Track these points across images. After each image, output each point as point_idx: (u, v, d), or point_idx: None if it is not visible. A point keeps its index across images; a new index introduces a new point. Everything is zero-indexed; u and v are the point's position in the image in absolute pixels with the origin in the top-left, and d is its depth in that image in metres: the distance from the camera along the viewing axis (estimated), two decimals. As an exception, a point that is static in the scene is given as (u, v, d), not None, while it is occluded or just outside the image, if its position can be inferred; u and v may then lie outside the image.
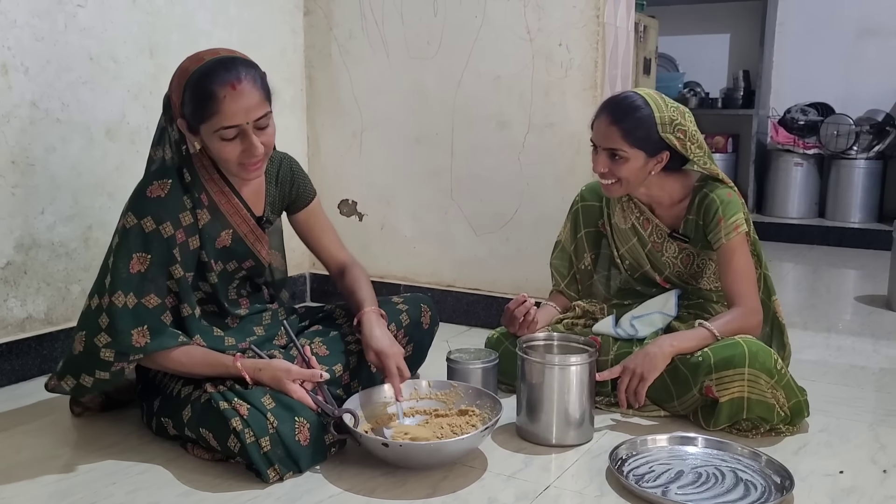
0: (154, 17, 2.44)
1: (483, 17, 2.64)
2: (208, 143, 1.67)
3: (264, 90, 1.67)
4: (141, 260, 1.67)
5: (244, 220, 1.83)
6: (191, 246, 1.74)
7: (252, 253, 1.86)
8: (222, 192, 1.79)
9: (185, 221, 1.72)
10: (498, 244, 2.75)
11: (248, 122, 1.63)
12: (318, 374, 1.68)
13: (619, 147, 1.90)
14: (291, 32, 2.98)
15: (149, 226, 1.67)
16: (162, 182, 1.70)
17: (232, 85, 1.60)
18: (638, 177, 1.94)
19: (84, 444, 1.79)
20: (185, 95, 1.65)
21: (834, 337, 2.73)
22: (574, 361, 1.74)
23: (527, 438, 1.79)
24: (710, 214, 1.94)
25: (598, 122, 1.94)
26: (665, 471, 1.61)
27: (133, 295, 1.66)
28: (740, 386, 1.76)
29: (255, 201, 1.87)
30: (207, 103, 1.61)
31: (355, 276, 1.99)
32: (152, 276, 1.68)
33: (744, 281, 1.91)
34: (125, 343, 1.64)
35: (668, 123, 1.90)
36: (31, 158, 2.15)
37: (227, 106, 1.60)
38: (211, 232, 1.77)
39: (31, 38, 2.12)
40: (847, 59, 5.11)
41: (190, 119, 1.66)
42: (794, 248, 4.69)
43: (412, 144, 2.86)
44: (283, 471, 1.56)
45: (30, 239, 2.17)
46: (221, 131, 1.63)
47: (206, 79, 1.62)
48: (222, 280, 1.83)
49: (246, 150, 1.65)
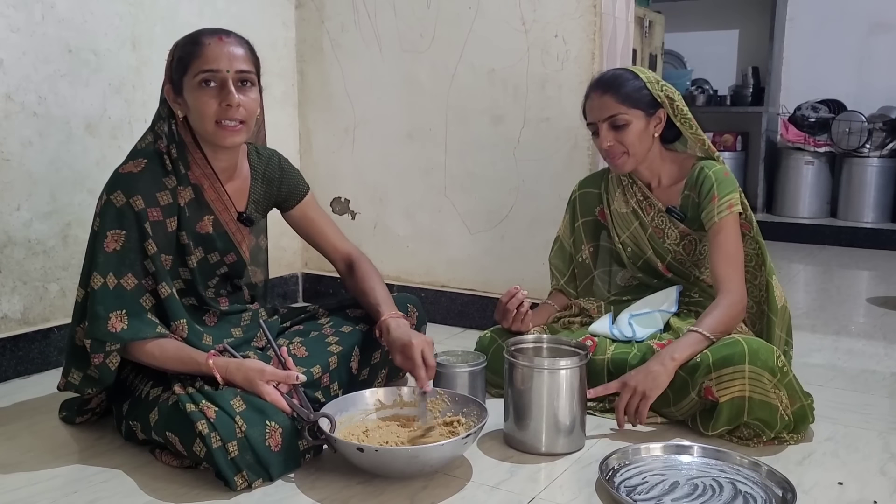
0: (137, 8, 2.37)
1: (477, 8, 2.55)
2: (189, 98, 1.64)
3: (251, 53, 1.70)
4: (115, 237, 1.62)
5: (227, 210, 1.78)
6: (168, 227, 1.68)
7: (234, 247, 1.80)
8: (205, 176, 1.74)
9: (163, 201, 1.67)
10: (493, 243, 2.67)
11: (230, 71, 1.62)
12: (294, 375, 1.59)
13: (618, 111, 1.91)
14: (282, 26, 2.90)
15: (119, 200, 1.62)
16: (136, 161, 1.67)
17: (219, 37, 1.64)
18: (643, 141, 1.94)
19: (52, 449, 1.71)
20: (174, 54, 1.67)
21: (844, 340, 2.63)
22: (564, 365, 1.65)
23: (514, 446, 1.69)
24: (705, 191, 1.92)
25: (591, 101, 1.96)
26: (659, 482, 1.52)
27: (112, 275, 1.61)
28: (741, 384, 1.66)
29: (239, 196, 1.81)
30: (192, 50, 1.63)
31: (365, 272, 1.92)
32: (128, 253, 1.62)
33: (731, 264, 1.87)
34: (101, 329, 1.58)
35: (655, 82, 1.95)
36: (7, 153, 2.08)
37: (211, 50, 1.62)
38: (192, 213, 1.72)
39: (5, 29, 2.06)
40: (859, 54, 5.02)
41: (175, 75, 1.66)
42: (804, 248, 4.59)
43: (405, 140, 2.78)
44: (251, 478, 1.48)
45: (4, 236, 2.10)
46: (201, 75, 1.61)
47: (197, 34, 1.67)
48: (202, 270, 1.76)
49: (224, 101, 1.62)
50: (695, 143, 2.02)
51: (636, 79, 1.93)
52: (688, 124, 1.96)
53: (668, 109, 1.94)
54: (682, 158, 2.03)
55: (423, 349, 1.71)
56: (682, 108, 1.95)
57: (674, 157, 2.03)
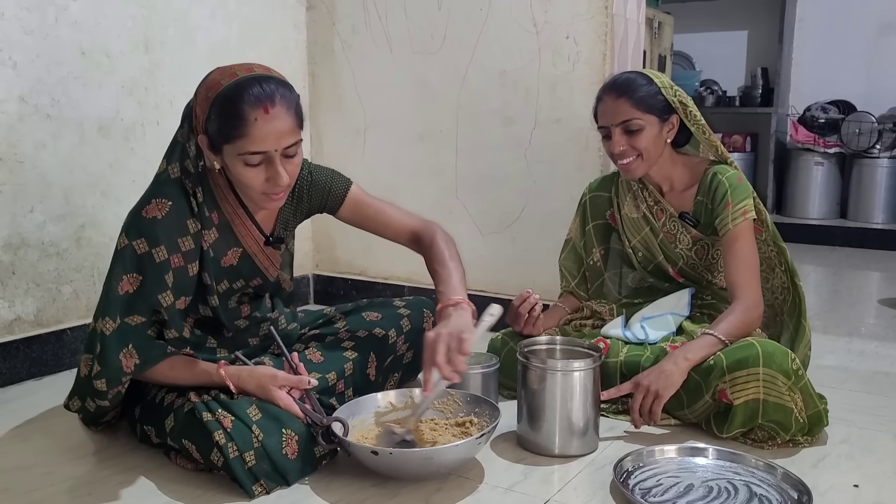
0: (150, 10, 2.37)
1: (488, 9, 2.55)
2: (230, 165, 1.53)
3: (298, 116, 1.53)
4: (131, 281, 1.55)
5: (255, 241, 1.72)
6: (190, 272, 1.61)
7: (260, 271, 1.75)
8: (236, 214, 1.67)
9: (185, 247, 1.59)
10: (504, 244, 2.66)
11: (277, 150, 1.49)
12: (306, 380, 1.59)
13: (632, 116, 1.89)
14: (293, 27, 2.91)
15: (141, 248, 1.54)
16: (160, 202, 1.56)
17: (265, 107, 1.46)
18: (656, 147, 1.92)
19: (67, 450, 1.71)
20: (212, 111, 1.50)
21: (856, 341, 2.62)
22: (577, 367, 1.64)
23: (527, 448, 1.69)
24: (719, 198, 1.91)
25: (604, 104, 1.94)
26: (674, 484, 1.51)
27: (119, 317, 1.55)
28: (755, 387, 1.66)
29: (266, 221, 1.74)
30: (235, 123, 1.47)
31: (431, 253, 1.81)
32: (141, 299, 1.56)
33: (746, 271, 1.86)
34: (114, 370, 1.55)
35: (669, 87, 1.93)
36: (20, 155, 2.09)
37: (257, 129, 1.46)
38: (217, 252, 1.66)
39: (19, 32, 2.06)
40: (869, 55, 5.00)
41: (213, 137, 1.51)
42: (814, 249, 4.57)
43: (416, 142, 2.78)
44: (269, 486, 1.48)
45: (18, 238, 2.11)
46: (247, 156, 1.49)
47: (237, 97, 1.47)
48: (224, 296, 1.72)
49: (270, 178, 1.52)
50: (707, 148, 2.01)
51: (651, 84, 1.91)
52: (700, 129, 1.95)
53: (681, 114, 1.93)
54: (695, 163, 2.02)
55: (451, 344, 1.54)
56: (695, 114, 1.94)
57: (685, 161, 2.02)
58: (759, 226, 1.96)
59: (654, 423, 1.74)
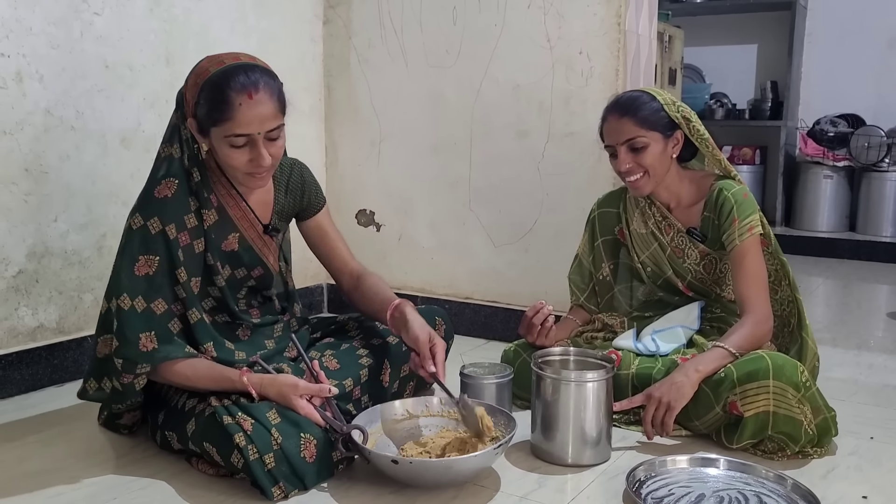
0: (171, 25, 2.42)
1: (502, 25, 2.60)
2: (216, 147, 1.65)
3: (280, 102, 1.65)
4: (148, 262, 1.65)
5: (252, 225, 1.81)
6: (196, 249, 1.71)
7: (260, 260, 1.83)
8: (230, 196, 1.77)
9: (190, 223, 1.70)
10: (517, 256, 2.70)
11: (260, 133, 1.61)
12: (327, 389, 1.63)
13: (637, 134, 1.92)
14: (310, 41, 2.96)
15: (155, 227, 1.65)
16: (169, 181, 1.68)
17: (249, 93, 1.58)
18: (662, 163, 1.96)
19: (89, 455, 1.76)
20: (201, 96, 1.62)
21: (865, 354, 2.64)
22: (591, 378, 1.68)
23: (541, 457, 1.73)
24: (725, 214, 1.94)
25: (608, 123, 1.98)
26: (685, 494, 1.54)
27: (141, 298, 1.64)
28: (766, 400, 1.69)
29: (263, 209, 1.84)
30: (222, 108, 1.59)
31: (373, 281, 1.94)
32: (159, 279, 1.65)
33: (755, 285, 1.89)
34: (133, 349, 1.61)
35: (672, 104, 1.96)
36: (45, 166, 2.14)
37: (242, 114, 1.58)
38: (217, 234, 1.75)
39: (46, 46, 2.12)
40: (878, 69, 5.01)
41: (201, 120, 1.63)
42: (823, 262, 4.58)
43: (430, 154, 2.82)
44: (288, 488, 1.52)
45: (42, 247, 2.16)
46: (232, 138, 1.61)
47: (224, 83, 1.59)
48: (231, 286, 1.80)
49: (253, 159, 1.63)
50: (712, 162, 2.04)
51: (653, 101, 1.95)
52: (704, 143, 1.98)
53: (684, 130, 1.96)
54: (700, 177, 2.05)
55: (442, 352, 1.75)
56: (699, 129, 1.97)
57: (692, 177, 2.05)
58: (765, 239, 1.99)
59: (666, 434, 1.77)
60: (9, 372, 2.10)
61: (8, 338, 2.11)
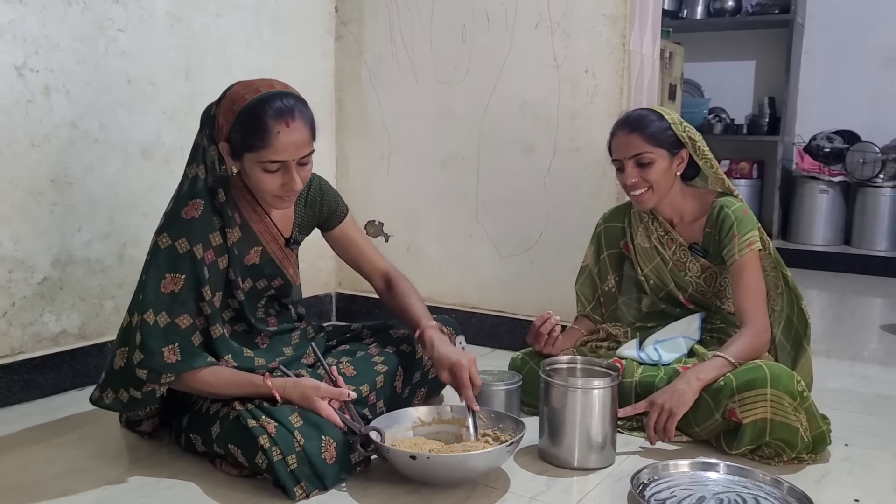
0: (191, 41, 2.51)
1: (511, 43, 2.69)
2: (249, 170, 1.72)
3: (312, 129, 1.73)
4: (174, 280, 1.71)
5: (274, 239, 1.88)
6: (220, 265, 1.78)
7: (281, 271, 1.91)
8: (254, 212, 1.84)
9: (215, 242, 1.76)
10: (523, 267, 2.78)
11: (294, 159, 1.69)
12: (346, 393, 1.71)
13: (644, 150, 2.01)
14: (322, 57, 3.04)
15: (183, 247, 1.71)
16: (195, 202, 1.74)
17: (286, 122, 1.65)
18: (666, 179, 2.04)
19: (114, 457, 1.83)
20: (237, 122, 1.67)
21: (859, 366, 2.73)
22: (597, 385, 1.76)
23: (549, 461, 1.80)
24: (725, 230, 2.02)
25: (617, 138, 2.06)
26: (687, 496, 1.62)
27: (165, 314, 1.69)
28: (763, 407, 1.77)
29: (285, 223, 1.92)
30: (259, 135, 1.65)
31: (404, 290, 2.03)
32: (184, 296, 1.71)
33: (753, 299, 1.97)
34: (157, 361, 1.67)
35: (679, 123, 2.05)
36: (70, 177, 2.22)
37: (279, 141, 1.65)
38: (240, 249, 1.82)
39: (72, 62, 2.20)
40: (873, 87, 5.11)
41: (236, 145, 1.70)
42: (819, 275, 4.67)
43: (439, 167, 2.91)
44: (309, 488, 1.59)
45: (66, 255, 2.23)
46: (267, 164, 1.68)
47: (261, 111, 1.65)
48: (250, 298, 1.87)
49: (285, 183, 1.71)
50: (715, 181, 2.12)
51: (661, 120, 2.04)
52: (708, 163, 2.07)
53: (690, 149, 2.05)
54: (703, 194, 2.13)
55: (471, 369, 1.81)
56: (704, 149, 2.06)
57: (695, 194, 2.13)
58: (765, 254, 2.08)
59: (668, 440, 1.85)
60: (33, 375, 2.18)
61: (33, 342, 2.19)
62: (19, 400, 2.16)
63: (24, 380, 2.17)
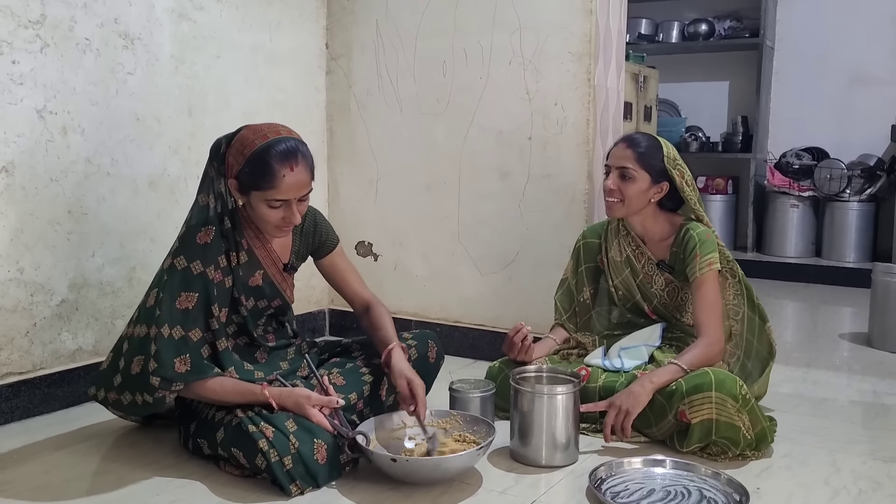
0: (193, 80, 2.73)
1: (487, 78, 2.91)
2: (255, 205, 1.92)
3: (312, 171, 1.94)
4: (189, 298, 1.92)
5: (274, 263, 2.10)
6: (226, 284, 1.99)
7: (280, 293, 2.12)
8: (258, 240, 2.06)
9: (222, 263, 1.98)
10: (501, 284, 2.99)
11: (296, 198, 1.91)
12: (335, 400, 1.92)
13: (630, 166, 2.22)
14: (314, 90, 3.27)
15: (197, 269, 1.93)
16: (207, 229, 1.95)
17: (291, 166, 1.87)
18: (639, 200, 2.25)
19: (129, 461, 2.03)
20: (247, 164, 1.88)
21: (812, 372, 2.92)
22: (560, 391, 1.97)
23: (518, 460, 2.01)
24: (689, 249, 2.23)
25: (616, 148, 2.28)
26: (639, 489, 1.83)
27: (180, 328, 1.90)
28: (709, 408, 1.98)
29: (283, 250, 2.13)
30: (267, 178, 1.86)
31: (379, 314, 2.22)
32: (196, 313, 1.92)
33: (710, 312, 2.18)
34: (169, 370, 1.88)
35: (673, 159, 2.26)
36: (85, 208, 2.43)
37: (284, 183, 1.87)
38: (245, 272, 2.03)
39: (87, 103, 2.41)
40: (839, 106, 5.33)
41: (244, 184, 1.90)
42: (791, 286, 4.88)
43: (423, 192, 3.13)
44: (303, 486, 1.80)
45: (81, 279, 2.44)
46: (272, 201, 1.89)
47: (269, 156, 1.86)
48: (252, 315, 2.09)
49: (286, 217, 1.92)
50: (690, 212, 2.32)
51: (659, 150, 2.25)
52: (688, 197, 2.27)
53: (676, 184, 2.24)
54: (673, 218, 2.34)
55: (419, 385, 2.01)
56: (686, 188, 2.25)
57: (667, 217, 2.33)
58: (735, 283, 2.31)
59: (625, 438, 2.07)
60: (53, 389, 2.39)
61: (52, 359, 2.39)
62: (40, 412, 2.37)
63: (45, 393, 2.37)
